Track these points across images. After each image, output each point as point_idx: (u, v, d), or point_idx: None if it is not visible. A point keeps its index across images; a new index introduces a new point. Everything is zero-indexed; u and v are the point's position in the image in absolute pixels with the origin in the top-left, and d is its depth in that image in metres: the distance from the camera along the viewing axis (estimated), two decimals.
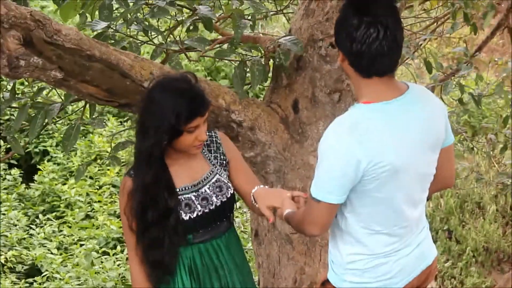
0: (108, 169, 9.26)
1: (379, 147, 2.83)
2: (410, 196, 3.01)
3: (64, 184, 9.11)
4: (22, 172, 9.52)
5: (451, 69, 5.74)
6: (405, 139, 2.90)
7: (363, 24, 2.79)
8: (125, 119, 10.30)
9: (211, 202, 3.28)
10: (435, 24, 6.16)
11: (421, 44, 5.89)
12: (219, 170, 3.35)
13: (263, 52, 4.21)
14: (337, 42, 2.93)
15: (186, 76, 3.19)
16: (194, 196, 3.27)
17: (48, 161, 9.59)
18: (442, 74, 5.66)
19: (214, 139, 3.40)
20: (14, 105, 4.14)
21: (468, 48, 5.77)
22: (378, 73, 2.86)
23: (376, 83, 2.89)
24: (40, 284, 7.12)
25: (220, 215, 3.34)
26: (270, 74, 4.44)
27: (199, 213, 3.26)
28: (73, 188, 8.89)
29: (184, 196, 3.26)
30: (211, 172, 3.33)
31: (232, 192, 3.35)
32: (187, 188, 3.27)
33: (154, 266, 3.26)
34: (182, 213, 3.23)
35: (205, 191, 3.29)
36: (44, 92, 4.42)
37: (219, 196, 3.30)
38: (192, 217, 3.25)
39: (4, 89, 4.35)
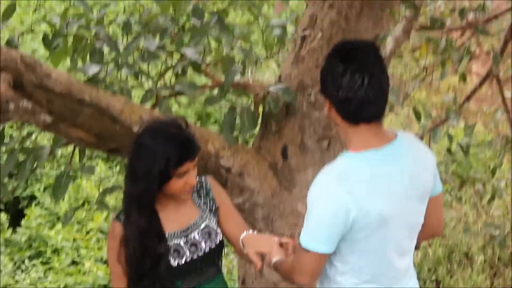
0: (96, 214, 9.22)
1: (368, 197, 2.83)
2: (399, 245, 3.00)
3: (51, 229, 9.05)
4: (8, 216, 9.46)
5: (439, 118, 5.77)
6: (394, 188, 2.89)
7: (348, 71, 2.80)
8: (114, 163, 10.27)
9: (200, 248, 3.26)
10: (424, 73, 6.21)
11: (410, 93, 5.93)
12: (208, 216, 3.32)
13: (253, 99, 4.22)
14: (324, 91, 2.93)
15: (177, 121, 3.19)
16: (183, 242, 3.24)
17: (36, 205, 9.54)
18: (431, 123, 5.68)
19: (204, 184, 3.38)
20: (2, 149, 4.13)
21: (457, 96, 5.80)
22: (365, 120, 2.86)
23: (363, 131, 2.89)
24: None
25: (209, 261, 3.31)
26: (259, 120, 4.44)
27: (188, 260, 3.23)
28: (60, 233, 8.83)
29: (174, 242, 3.23)
30: (200, 218, 3.31)
31: (221, 238, 3.33)
32: (176, 234, 3.24)
33: None
34: (171, 259, 3.21)
35: (194, 237, 3.26)
36: (33, 136, 4.41)
37: (208, 242, 3.28)
38: (180, 263, 3.22)
39: None
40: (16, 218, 9.46)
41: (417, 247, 3.23)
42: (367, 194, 2.83)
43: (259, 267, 3.10)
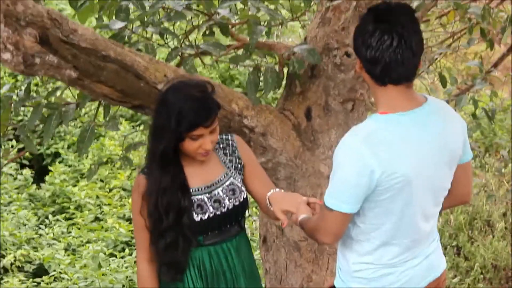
0: (119, 173, 9.27)
1: (393, 158, 2.83)
2: (422, 209, 3.01)
3: (75, 186, 9.12)
4: (33, 172, 9.54)
5: (465, 84, 5.72)
6: (420, 151, 2.89)
7: (377, 31, 2.80)
8: (138, 123, 10.30)
9: (223, 205, 3.28)
10: (451, 39, 6.13)
11: (437, 59, 5.87)
12: (233, 174, 3.35)
13: (277, 59, 4.21)
14: (355, 49, 2.94)
15: (203, 84, 3.19)
16: (207, 197, 3.27)
17: (59, 162, 9.61)
18: (456, 89, 5.64)
19: (230, 142, 3.40)
20: (28, 104, 4.15)
21: (484, 64, 5.74)
22: (393, 81, 2.86)
23: (392, 92, 2.89)
24: (47, 284, 7.11)
25: (232, 218, 3.34)
26: (284, 81, 4.43)
27: (211, 215, 3.26)
28: (84, 190, 8.90)
29: (197, 197, 3.26)
30: (225, 175, 3.33)
31: (245, 196, 3.35)
32: (200, 190, 3.27)
33: (169, 266, 3.26)
34: (194, 214, 3.23)
35: (218, 193, 3.29)
36: (58, 93, 4.42)
37: (232, 199, 3.30)
38: (203, 218, 3.25)
39: (18, 89, 4.35)
40: (40, 175, 9.54)
41: (439, 213, 3.24)
42: (393, 156, 2.83)
43: (285, 224, 3.13)
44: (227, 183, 3.31)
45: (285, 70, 4.30)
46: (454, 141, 3.01)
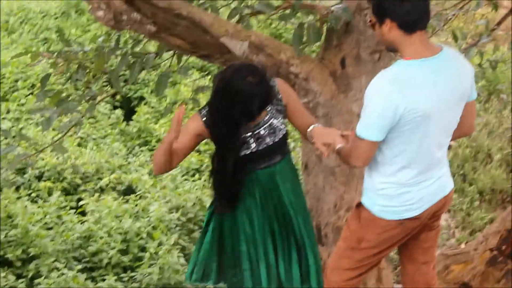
0: (191, 113, 9.27)
1: (414, 96, 2.82)
2: (436, 139, 2.99)
3: (156, 123, 9.17)
4: (123, 112, 9.61)
5: (473, 39, 5.57)
6: (437, 91, 2.86)
7: None
8: (206, 73, 10.28)
9: (264, 142, 3.23)
10: (462, 2, 5.96)
11: (450, 19, 5.71)
12: (274, 115, 3.27)
13: (318, 17, 4.13)
14: (383, 11, 2.87)
15: (260, 69, 3.12)
16: (250, 135, 3.22)
17: (144, 104, 9.66)
18: (465, 43, 5.50)
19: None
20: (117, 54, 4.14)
21: (489, 24, 5.59)
22: (422, 27, 2.85)
23: (417, 40, 2.85)
24: (134, 200, 7.21)
25: (273, 151, 3.28)
26: (323, 36, 4.35)
27: (253, 150, 3.22)
28: (163, 127, 8.94)
29: (243, 135, 3.20)
30: (267, 116, 3.26)
31: (284, 133, 3.28)
32: (246, 130, 3.20)
33: (222, 194, 3.26)
34: (241, 150, 3.20)
35: (260, 132, 3.23)
36: (142, 44, 4.40)
37: (272, 137, 3.24)
38: (247, 153, 3.21)
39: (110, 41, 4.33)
40: (129, 114, 9.60)
41: (449, 147, 3.25)
42: (415, 94, 2.82)
43: (326, 155, 3.09)
44: (268, 123, 3.24)
45: (324, 26, 4.21)
46: (464, 84, 2.98)
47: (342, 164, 4.15)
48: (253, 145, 3.22)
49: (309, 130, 3.19)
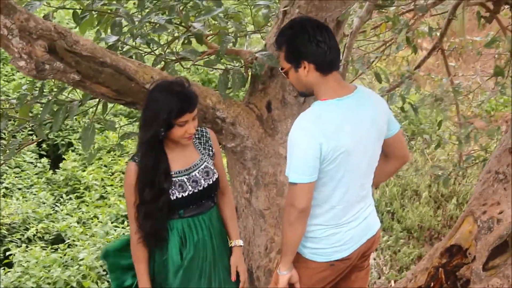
0: (119, 159, 9.20)
1: (336, 135, 2.85)
2: (359, 176, 3.03)
3: (84, 170, 9.04)
4: (50, 160, 9.45)
5: (395, 80, 5.73)
6: (356, 128, 2.91)
7: (316, 33, 2.88)
8: (134, 119, 10.23)
9: (200, 184, 3.26)
10: (384, 46, 6.16)
11: (373, 61, 5.88)
12: (207, 159, 3.33)
13: (243, 62, 4.19)
14: (299, 56, 2.93)
15: (182, 80, 3.17)
16: (186, 178, 3.25)
17: (72, 151, 9.52)
18: (388, 86, 5.65)
19: (204, 133, 3.38)
20: (42, 101, 4.09)
21: (410, 66, 5.76)
22: (336, 67, 2.93)
23: (332, 80, 2.92)
24: (63, 249, 7.05)
25: (207, 195, 3.32)
26: (248, 80, 4.41)
27: (190, 193, 3.24)
28: (91, 174, 8.82)
29: (178, 178, 3.23)
30: (200, 160, 3.31)
31: (217, 176, 3.34)
32: (180, 172, 3.25)
33: (149, 234, 3.23)
34: (176, 192, 3.21)
35: (195, 175, 3.27)
36: (66, 92, 4.37)
37: (206, 180, 3.29)
38: (184, 195, 3.23)
39: (33, 90, 4.29)
40: (56, 162, 9.44)
41: (376, 186, 3.27)
42: (335, 133, 2.85)
43: (233, 279, 3.43)
44: (202, 166, 3.30)
45: (249, 71, 4.27)
46: (381, 119, 3.04)
47: (271, 207, 4.18)
48: (189, 188, 3.25)
49: (232, 244, 3.44)
